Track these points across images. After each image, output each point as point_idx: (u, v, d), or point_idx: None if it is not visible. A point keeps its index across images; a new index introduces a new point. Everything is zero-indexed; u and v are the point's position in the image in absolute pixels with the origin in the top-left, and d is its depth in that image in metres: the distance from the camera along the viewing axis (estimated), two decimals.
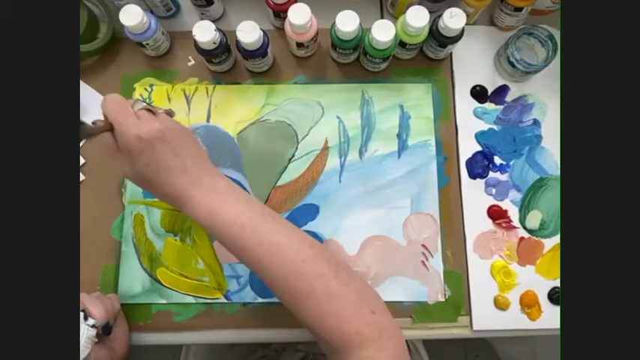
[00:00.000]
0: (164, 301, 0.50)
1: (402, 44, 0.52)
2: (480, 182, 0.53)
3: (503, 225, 0.52)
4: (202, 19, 0.57)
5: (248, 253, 0.37)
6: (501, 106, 0.56)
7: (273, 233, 0.37)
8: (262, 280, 0.38)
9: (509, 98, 0.56)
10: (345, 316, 0.35)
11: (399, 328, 0.37)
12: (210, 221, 0.37)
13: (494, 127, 0.55)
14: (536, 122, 0.55)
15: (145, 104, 0.39)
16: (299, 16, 0.49)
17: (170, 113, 0.41)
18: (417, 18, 0.49)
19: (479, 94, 0.56)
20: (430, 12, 0.50)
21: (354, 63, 0.57)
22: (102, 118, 0.38)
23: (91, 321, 0.41)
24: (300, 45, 0.53)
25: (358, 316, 0.35)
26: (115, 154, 0.38)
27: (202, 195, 0.38)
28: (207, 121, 0.55)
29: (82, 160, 0.53)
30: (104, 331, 0.43)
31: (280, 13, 0.54)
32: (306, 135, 0.55)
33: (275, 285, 0.37)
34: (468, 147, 0.54)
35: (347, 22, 0.49)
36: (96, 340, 0.41)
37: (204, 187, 0.38)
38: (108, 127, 0.37)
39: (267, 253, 0.36)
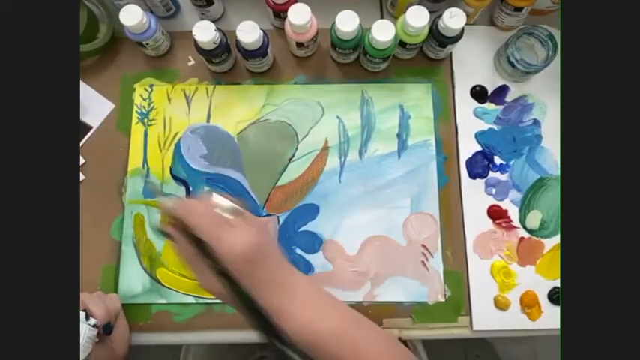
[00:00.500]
0: (164, 301, 0.50)
1: (402, 44, 0.52)
2: (479, 182, 0.53)
3: (503, 225, 0.52)
4: (202, 19, 0.57)
5: None
6: (501, 106, 0.56)
7: (366, 341, 0.35)
8: None
9: (509, 98, 0.56)
10: None
11: None
12: (303, 335, 0.33)
13: (494, 127, 0.55)
14: (536, 122, 0.55)
15: (231, 205, 0.34)
16: (299, 16, 0.49)
17: (246, 206, 0.36)
18: (417, 18, 0.49)
19: (479, 94, 0.56)
20: (430, 12, 0.50)
21: (354, 63, 0.57)
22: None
23: (92, 321, 0.41)
24: (300, 45, 0.53)
25: None
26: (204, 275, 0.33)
27: (294, 306, 0.34)
28: (207, 121, 0.55)
29: (82, 160, 0.53)
30: (105, 331, 0.43)
31: (280, 13, 0.54)
32: (306, 135, 0.55)
33: None
34: (468, 147, 0.54)
35: (347, 22, 0.49)
36: (97, 339, 0.41)
37: (293, 293, 0.34)
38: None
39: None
